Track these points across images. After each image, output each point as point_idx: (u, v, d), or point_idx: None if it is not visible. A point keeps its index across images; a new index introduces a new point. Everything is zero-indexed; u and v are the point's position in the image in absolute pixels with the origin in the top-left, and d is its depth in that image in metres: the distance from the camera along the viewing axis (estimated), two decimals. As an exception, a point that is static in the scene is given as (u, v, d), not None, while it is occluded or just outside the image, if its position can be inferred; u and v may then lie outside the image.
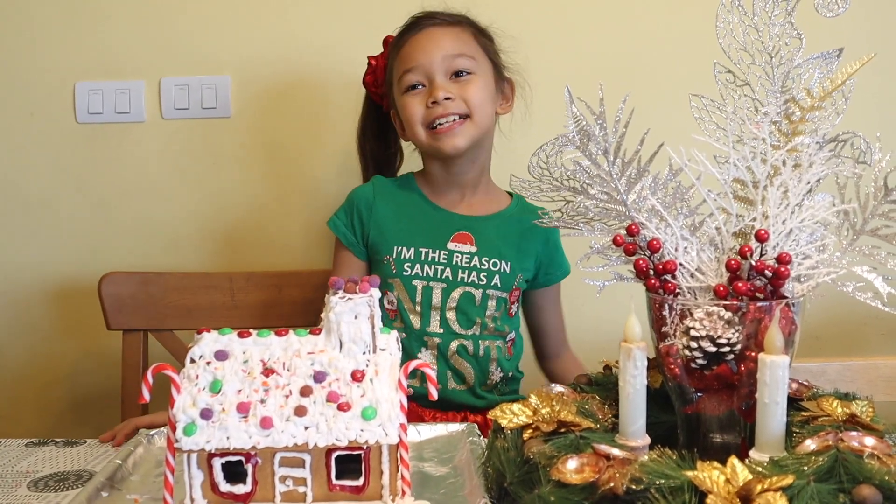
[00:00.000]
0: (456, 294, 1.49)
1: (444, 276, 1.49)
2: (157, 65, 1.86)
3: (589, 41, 1.84)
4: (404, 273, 1.49)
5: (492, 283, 1.50)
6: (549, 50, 1.82)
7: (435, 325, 1.49)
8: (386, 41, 1.60)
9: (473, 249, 1.51)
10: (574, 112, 0.95)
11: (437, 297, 1.49)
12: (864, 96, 1.04)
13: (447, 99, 1.45)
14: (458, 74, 1.48)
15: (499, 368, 1.53)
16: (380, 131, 1.65)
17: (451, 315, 1.49)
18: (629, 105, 0.93)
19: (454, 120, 1.46)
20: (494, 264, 1.51)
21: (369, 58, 1.63)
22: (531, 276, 1.57)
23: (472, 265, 1.50)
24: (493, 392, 1.53)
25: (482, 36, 1.55)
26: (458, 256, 1.50)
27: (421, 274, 1.49)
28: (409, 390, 0.89)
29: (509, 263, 1.51)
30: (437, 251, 1.50)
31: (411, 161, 1.67)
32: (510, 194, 1.61)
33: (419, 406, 1.44)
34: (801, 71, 0.95)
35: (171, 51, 1.86)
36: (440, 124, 1.46)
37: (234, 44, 1.86)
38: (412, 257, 1.50)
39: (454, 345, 1.49)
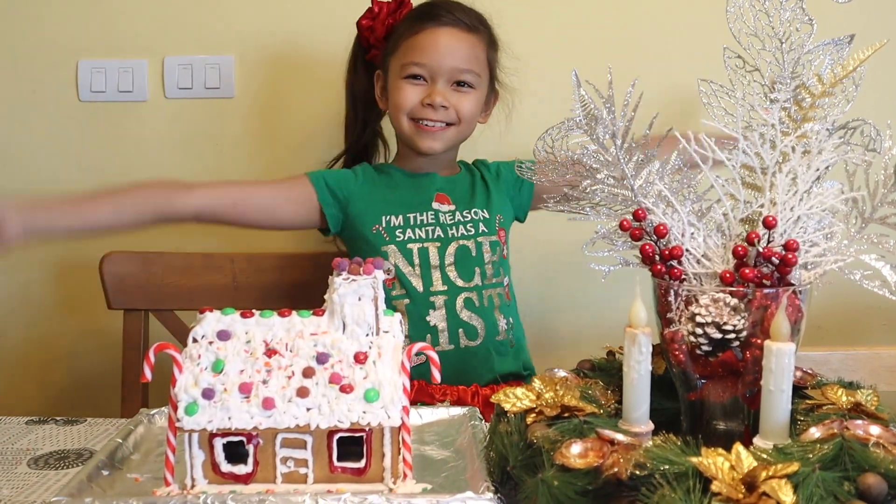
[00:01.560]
0: (451, 249, 1.53)
1: (436, 236, 1.53)
2: (160, 44, 1.85)
3: (599, 23, 1.83)
4: (397, 239, 1.53)
5: (479, 231, 1.56)
6: (557, 33, 1.80)
7: (438, 283, 1.52)
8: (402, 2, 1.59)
9: (452, 207, 1.57)
10: (581, 95, 0.95)
11: (434, 256, 1.52)
12: (874, 83, 1.03)
13: (443, 107, 1.50)
14: (459, 83, 1.52)
15: (503, 316, 1.55)
16: (367, 72, 1.65)
17: (450, 270, 1.52)
18: (637, 89, 0.92)
19: (440, 125, 1.52)
20: (475, 213, 1.57)
21: (374, 1, 1.60)
22: (509, 211, 1.63)
23: (455, 221, 1.55)
24: (505, 344, 1.55)
25: (491, 48, 1.58)
26: (442, 215, 1.56)
27: (413, 237, 1.53)
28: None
29: (485, 209, 1.58)
30: (424, 213, 1.55)
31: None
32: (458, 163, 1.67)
33: (427, 384, 1.44)
34: (812, 57, 0.94)
35: (174, 30, 1.84)
36: (427, 124, 1.51)
37: (239, 24, 1.84)
38: (401, 223, 1.54)
39: (460, 300, 1.51)
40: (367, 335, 0.89)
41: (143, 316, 1.68)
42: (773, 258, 0.85)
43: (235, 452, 0.86)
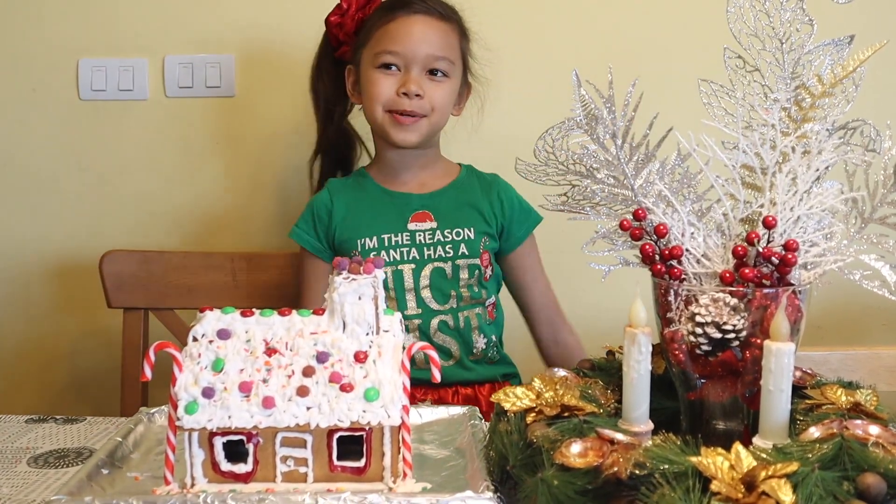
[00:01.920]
0: (426, 271, 1.51)
1: (410, 257, 1.51)
2: (160, 42, 1.85)
3: (599, 24, 1.83)
4: None
5: (459, 253, 1.51)
6: (557, 33, 1.80)
7: (412, 307, 1.50)
8: None
9: (434, 225, 1.53)
10: (582, 95, 0.95)
11: (408, 279, 1.50)
12: (874, 84, 1.03)
13: (417, 95, 1.47)
14: (433, 72, 1.50)
15: (482, 335, 1.54)
16: (336, 74, 1.63)
17: (426, 293, 1.51)
18: (638, 89, 0.92)
19: (414, 118, 1.49)
20: (458, 234, 1.52)
21: (342, 0, 1.58)
22: (497, 234, 1.57)
23: (435, 240, 1.52)
24: (481, 362, 1.54)
25: (464, 38, 1.56)
26: (420, 235, 1.52)
27: (388, 259, 1.51)
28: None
29: (472, 228, 1.53)
30: (399, 234, 1.52)
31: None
32: (459, 165, 1.64)
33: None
34: (812, 57, 0.94)
35: (175, 28, 1.84)
36: (402, 116, 1.48)
37: (239, 22, 1.84)
38: (375, 245, 1.51)
39: (434, 322, 1.50)
40: (368, 334, 0.90)
41: (143, 315, 1.68)
42: (773, 258, 0.85)
43: (235, 451, 0.86)
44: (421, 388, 1.47)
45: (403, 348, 0.89)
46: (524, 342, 1.65)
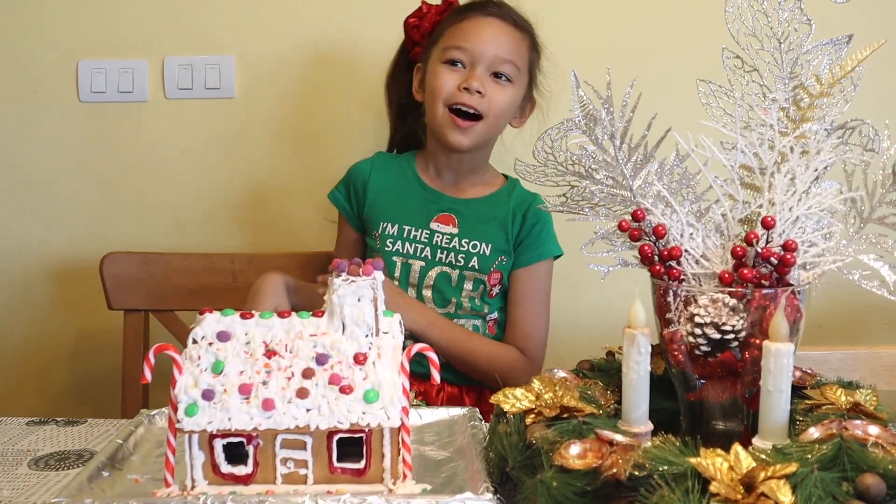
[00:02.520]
0: (433, 273, 1.52)
1: (423, 255, 1.53)
2: (160, 44, 1.85)
3: (596, 25, 1.83)
4: (386, 248, 1.54)
5: (469, 265, 1.53)
6: (556, 33, 1.80)
7: None
8: (447, 0, 1.59)
9: (455, 231, 1.54)
10: (580, 96, 0.95)
11: (414, 275, 1.52)
12: (872, 83, 1.03)
13: (478, 93, 1.47)
14: (497, 75, 1.50)
15: None
16: (409, 76, 1.64)
17: (427, 293, 1.53)
18: (636, 90, 0.92)
19: (472, 118, 1.48)
20: (474, 246, 1.53)
21: (423, 2, 1.61)
22: (511, 255, 1.56)
23: (451, 246, 1.53)
24: None
25: (534, 50, 1.57)
26: (439, 237, 1.54)
27: (401, 251, 1.53)
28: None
29: (490, 245, 1.54)
30: (420, 230, 1.54)
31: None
32: (506, 177, 1.63)
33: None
34: (810, 57, 0.94)
35: (174, 30, 1.85)
36: (462, 114, 1.48)
37: (239, 24, 1.85)
38: (395, 234, 1.54)
39: None
40: (367, 336, 0.90)
41: (144, 316, 1.68)
42: (772, 258, 0.85)
43: (235, 453, 0.86)
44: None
45: (403, 350, 0.89)
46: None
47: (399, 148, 1.69)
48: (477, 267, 1.53)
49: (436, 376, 0.89)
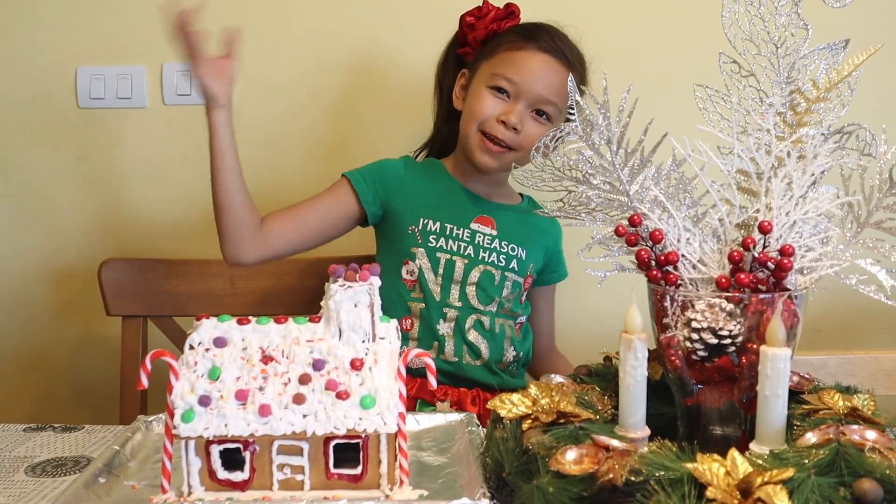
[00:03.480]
0: (477, 271, 1.54)
1: (466, 253, 1.54)
2: (158, 50, 1.84)
3: (593, 29, 1.82)
4: (429, 244, 1.54)
5: (510, 266, 1.56)
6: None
7: (454, 298, 1.53)
8: (509, 7, 1.59)
9: (494, 232, 1.57)
10: (577, 101, 0.95)
11: (458, 272, 1.53)
12: (869, 88, 1.03)
13: (515, 129, 1.48)
14: (538, 112, 1.51)
15: (512, 347, 1.58)
16: (456, 67, 1.64)
17: (470, 290, 1.54)
18: (633, 95, 0.92)
19: (503, 147, 1.50)
20: (513, 249, 1.57)
21: (486, 2, 1.59)
22: (540, 269, 1.63)
23: (493, 246, 1.56)
24: (506, 372, 1.58)
25: (579, 88, 1.55)
26: (480, 237, 1.56)
27: (445, 247, 1.54)
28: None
29: (525, 251, 1.58)
30: (462, 229, 1.55)
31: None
32: (521, 195, 1.68)
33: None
34: (807, 62, 0.94)
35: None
36: (493, 141, 1.50)
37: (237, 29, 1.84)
38: (437, 230, 1.54)
39: (471, 320, 1.53)
40: (364, 341, 0.90)
41: (142, 322, 1.68)
42: (769, 263, 0.85)
43: (232, 459, 0.86)
44: (441, 386, 1.50)
45: (399, 355, 0.89)
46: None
47: (437, 148, 1.69)
48: (516, 269, 1.57)
49: (432, 381, 0.89)
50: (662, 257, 0.89)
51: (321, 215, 1.55)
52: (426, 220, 1.54)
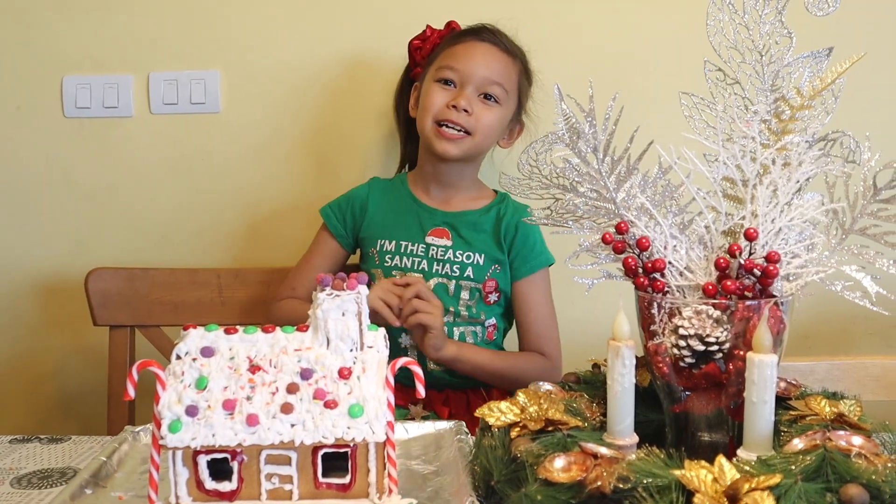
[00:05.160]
0: (430, 283, 1.58)
1: (420, 268, 1.59)
2: (145, 59, 1.85)
3: (579, 38, 1.83)
4: (385, 264, 1.60)
5: (464, 275, 1.59)
6: (539, 47, 1.81)
7: None
8: (449, 24, 1.68)
9: (449, 243, 1.61)
10: (564, 109, 0.95)
11: None
12: (853, 95, 1.04)
13: (465, 111, 1.54)
14: (486, 96, 1.57)
15: None
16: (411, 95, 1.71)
17: None
18: (619, 103, 0.93)
19: (459, 131, 1.55)
20: (468, 257, 1.60)
21: (428, 26, 1.68)
22: (506, 265, 1.63)
23: (446, 258, 1.60)
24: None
25: (524, 76, 1.65)
26: (434, 250, 1.60)
27: (399, 265, 1.59)
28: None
29: (483, 255, 1.60)
30: (416, 244, 1.61)
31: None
32: (495, 192, 1.70)
33: (402, 386, 1.45)
34: (791, 69, 0.95)
35: (159, 45, 1.84)
36: (448, 127, 1.55)
37: (224, 39, 1.84)
38: (393, 249, 1.60)
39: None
40: (352, 350, 0.89)
41: (129, 332, 1.68)
42: (755, 270, 0.85)
43: (220, 469, 0.85)
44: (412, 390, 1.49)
45: (387, 364, 0.89)
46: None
47: (410, 163, 1.76)
48: (472, 276, 1.59)
49: (420, 390, 0.89)
50: (649, 264, 0.89)
51: (317, 270, 1.59)
52: (383, 241, 1.61)
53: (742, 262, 0.86)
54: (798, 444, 0.80)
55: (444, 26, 1.68)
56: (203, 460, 0.85)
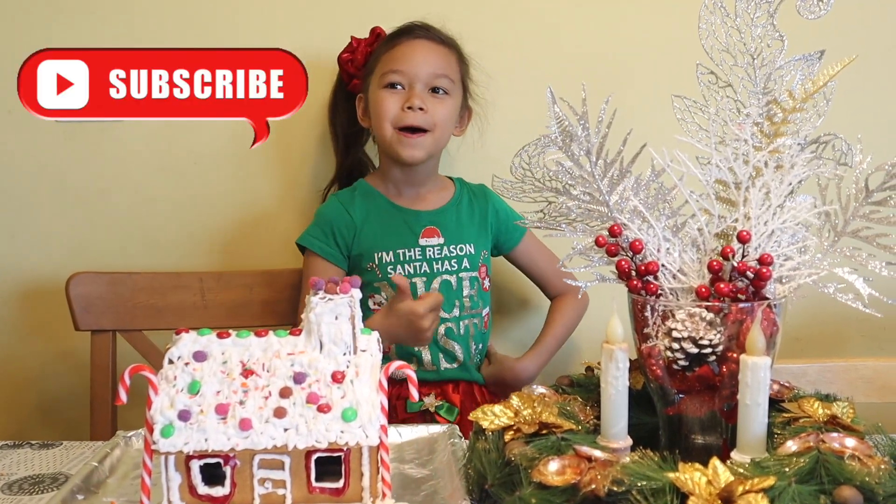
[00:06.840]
0: (436, 283, 1.61)
1: (422, 271, 1.62)
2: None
3: (571, 41, 1.84)
4: (388, 275, 1.60)
5: (462, 267, 1.64)
6: (531, 51, 1.81)
7: None
8: (374, 31, 1.69)
9: (441, 241, 1.64)
10: (556, 112, 0.95)
11: (420, 291, 1.60)
12: (845, 98, 1.04)
13: (421, 109, 1.57)
14: (434, 90, 1.60)
15: (475, 343, 1.65)
16: (350, 108, 1.73)
17: None
18: (612, 106, 0.93)
19: (420, 133, 1.58)
20: (461, 248, 1.65)
21: (353, 38, 1.69)
22: (492, 246, 1.71)
23: (443, 255, 1.63)
24: (475, 366, 1.66)
25: (462, 63, 1.68)
26: (430, 250, 1.63)
27: (402, 274, 1.60)
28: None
29: (473, 244, 1.66)
30: (412, 249, 1.62)
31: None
32: (451, 178, 1.75)
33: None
34: (783, 72, 0.95)
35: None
36: (410, 130, 1.58)
37: (216, 41, 1.84)
38: (392, 259, 1.61)
39: (442, 328, 1.60)
40: (345, 354, 0.89)
41: (112, 337, 1.66)
42: (748, 272, 0.85)
43: (213, 474, 0.85)
44: (426, 386, 1.59)
45: (381, 367, 0.89)
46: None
47: (346, 176, 1.77)
48: (469, 266, 1.64)
49: (414, 394, 0.89)
50: (643, 267, 0.89)
51: None
52: (380, 254, 1.61)
53: (735, 264, 0.86)
54: (792, 446, 0.80)
55: (368, 34, 1.69)
56: (196, 465, 0.84)
